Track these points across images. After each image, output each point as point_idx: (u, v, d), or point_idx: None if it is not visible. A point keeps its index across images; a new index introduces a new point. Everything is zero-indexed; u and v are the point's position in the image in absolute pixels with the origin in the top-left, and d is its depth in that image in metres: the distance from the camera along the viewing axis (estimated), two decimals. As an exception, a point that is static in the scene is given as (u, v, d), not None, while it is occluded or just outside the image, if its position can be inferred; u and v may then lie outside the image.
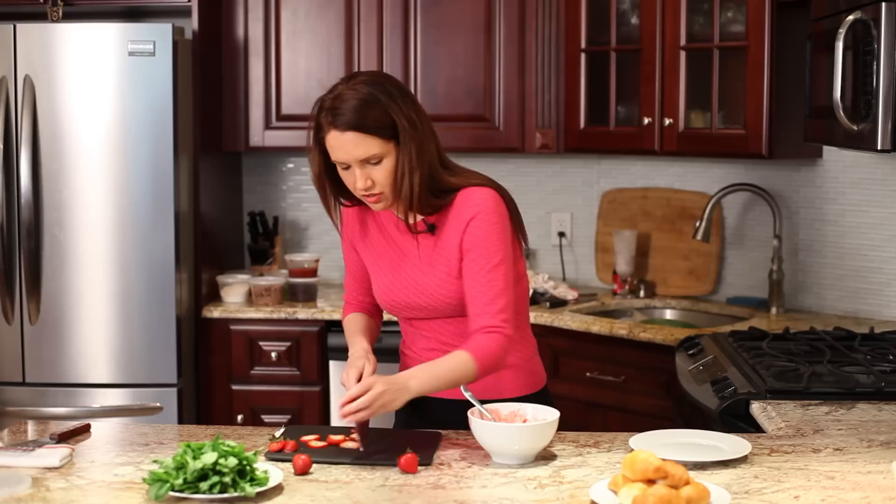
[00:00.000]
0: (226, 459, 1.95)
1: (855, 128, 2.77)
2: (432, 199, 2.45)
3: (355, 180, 2.39)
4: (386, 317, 2.75)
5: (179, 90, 3.92)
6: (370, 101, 2.36)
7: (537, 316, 3.96)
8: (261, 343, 4.09)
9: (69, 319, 3.90)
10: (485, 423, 2.19)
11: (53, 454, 2.15)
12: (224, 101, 4.34)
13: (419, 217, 2.48)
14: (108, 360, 3.91)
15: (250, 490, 1.94)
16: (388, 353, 2.81)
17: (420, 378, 2.32)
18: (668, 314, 4.25)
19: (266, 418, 4.06)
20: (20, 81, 3.84)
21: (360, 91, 2.36)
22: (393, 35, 4.28)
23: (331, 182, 2.49)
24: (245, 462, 1.97)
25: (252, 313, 4.09)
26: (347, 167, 2.39)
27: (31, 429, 2.47)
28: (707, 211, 3.97)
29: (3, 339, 3.92)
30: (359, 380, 2.30)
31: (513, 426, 2.19)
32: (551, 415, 2.25)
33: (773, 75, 3.64)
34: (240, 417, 4.08)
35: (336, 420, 4.06)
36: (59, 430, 2.34)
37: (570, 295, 4.19)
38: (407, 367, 2.63)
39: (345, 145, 2.36)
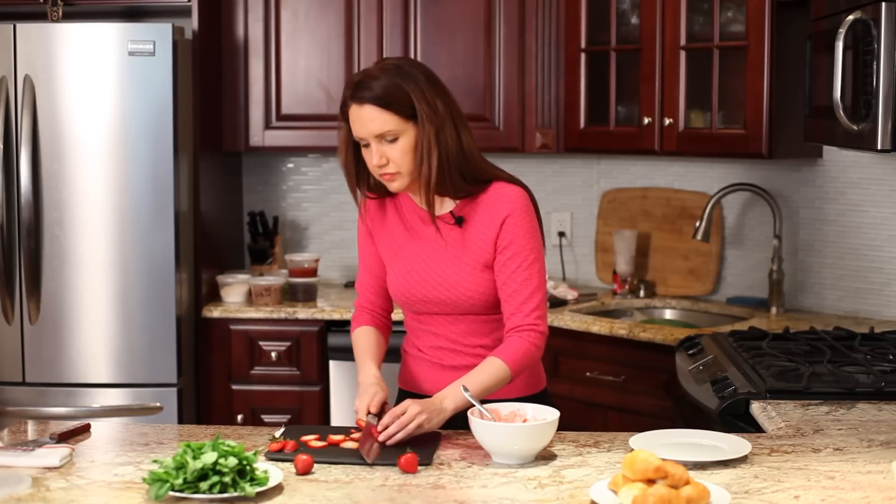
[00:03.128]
0: (226, 459, 1.95)
1: (855, 128, 2.77)
2: (464, 184, 2.48)
3: (372, 157, 2.42)
4: (393, 317, 2.74)
5: (179, 90, 3.92)
6: (392, 78, 2.41)
7: (537, 316, 3.96)
8: (261, 343, 4.09)
9: (69, 319, 3.90)
10: (485, 423, 2.19)
11: (53, 454, 2.15)
12: (224, 101, 4.34)
13: (447, 207, 2.51)
14: (108, 360, 3.91)
15: (250, 490, 1.94)
16: (393, 353, 2.78)
17: (453, 396, 2.34)
18: (668, 314, 4.25)
19: (266, 418, 4.06)
20: (20, 81, 3.84)
21: (385, 69, 2.43)
22: (393, 35, 4.29)
23: (356, 163, 2.52)
24: (245, 462, 1.97)
25: (252, 313, 4.09)
26: (367, 145, 2.43)
27: (31, 429, 2.47)
28: (707, 211, 3.97)
29: (3, 339, 3.92)
30: (376, 411, 2.34)
31: (513, 426, 2.19)
32: (551, 415, 2.25)
33: (773, 75, 3.64)
34: (240, 417, 4.08)
35: (336, 420, 4.07)
36: (59, 430, 2.34)
37: (570, 295, 4.19)
38: (409, 366, 2.64)
39: (362, 118, 2.40)
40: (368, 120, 2.40)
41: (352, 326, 2.68)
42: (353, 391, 4.00)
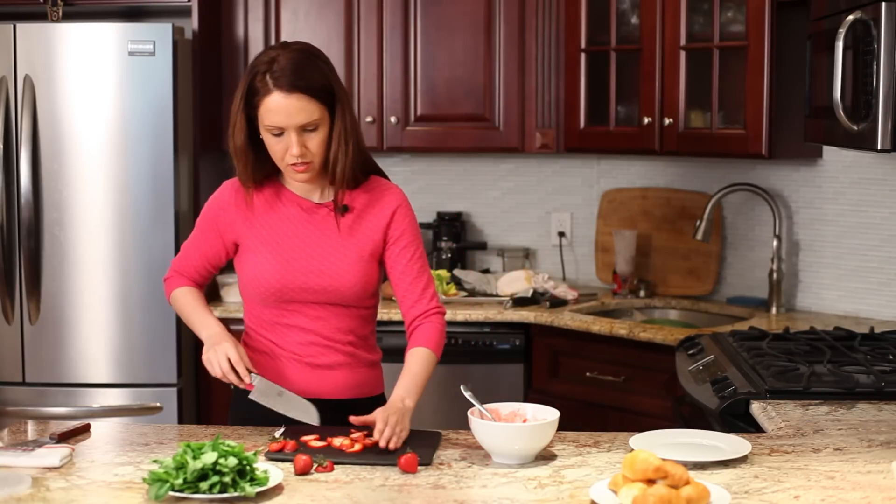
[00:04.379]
0: (226, 459, 1.95)
1: (855, 128, 2.77)
2: (359, 174, 2.51)
3: (289, 147, 2.38)
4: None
5: (179, 90, 3.92)
6: (312, 66, 2.39)
7: (538, 316, 3.96)
8: (261, 343, 4.08)
9: (69, 319, 3.90)
10: (485, 423, 2.19)
11: (53, 454, 2.15)
12: (224, 101, 4.33)
13: (330, 195, 2.51)
14: (108, 360, 3.91)
15: (250, 490, 1.94)
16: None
17: (409, 392, 2.36)
18: (669, 314, 4.25)
19: (266, 418, 4.05)
20: (20, 81, 3.84)
21: (300, 56, 2.40)
22: (393, 35, 4.28)
23: (254, 153, 2.46)
24: (245, 462, 1.97)
25: (252, 313, 4.08)
26: (280, 133, 2.38)
27: (31, 429, 2.47)
28: (707, 211, 3.96)
29: (3, 339, 3.92)
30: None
31: (513, 426, 2.19)
32: (551, 415, 2.25)
33: (773, 75, 3.64)
34: (240, 417, 4.07)
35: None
36: (59, 430, 2.34)
37: (570, 295, 4.19)
38: (269, 365, 2.54)
39: (288, 108, 2.36)
40: (296, 110, 2.35)
41: (171, 286, 2.62)
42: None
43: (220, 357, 2.37)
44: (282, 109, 2.36)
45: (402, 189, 2.59)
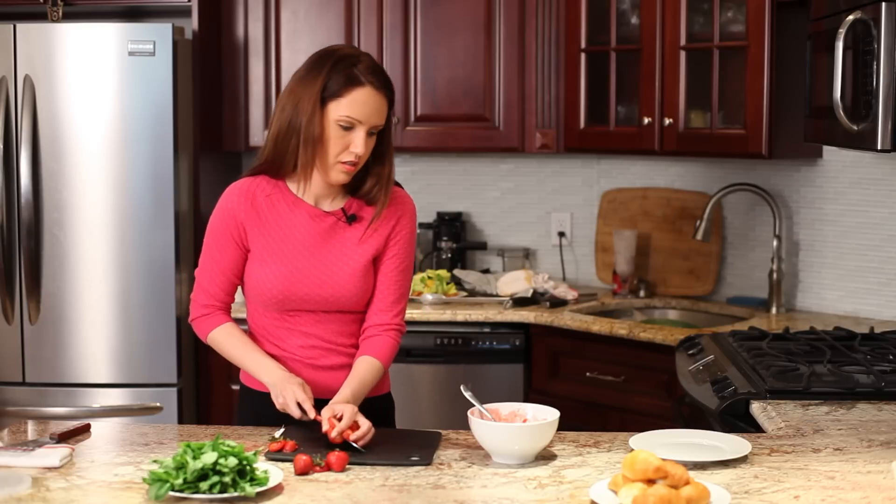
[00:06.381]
0: (226, 459, 1.95)
1: (855, 128, 2.77)
2: None
3: (350, 143, 2.37)
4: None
5: (179, 90, 3.92)
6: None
7: (538, 316, 3.96)
8: (261, 343, 4.08)
9: (69, 319, 3.90)
10: (485, 423, 2.19)
11: (53, 454, 2.15)
12: (224, 101, 4.34)
13: (338, 203, 2.50)
14: (108, 360, 3.91)
15: (250, 490, 1.94)
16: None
17: (354, 395, 2.38)
18: (668, 314, 4.25)
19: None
20: (20, 81, 3.84)
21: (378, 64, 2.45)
22: (393, 35, 4.29)
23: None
24: (245, 462, 1.97)
25: (252, 313, 4.08)
26: (350, 127, 2.37)
27: (31, 429, 2.47)
28: (707, 211, 3.97)
29: (3, 339, 3.92)
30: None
31: (513, 426, 2.19)
32: (551, 415, 2.25)
33: (773, 75, 3.64)
34: (240, 417, 4.08)
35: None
36: (59, 430, 2.34)
37: (570, 295, 4.19)
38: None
39: (375, 104, 2.37)
40: (378, 109, 2.38)
41: (206, 326, 2.58)
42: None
43: (290, 401, 2.35)
44: (369, 104, 2.36)
45: (408, 192, 2.58)
